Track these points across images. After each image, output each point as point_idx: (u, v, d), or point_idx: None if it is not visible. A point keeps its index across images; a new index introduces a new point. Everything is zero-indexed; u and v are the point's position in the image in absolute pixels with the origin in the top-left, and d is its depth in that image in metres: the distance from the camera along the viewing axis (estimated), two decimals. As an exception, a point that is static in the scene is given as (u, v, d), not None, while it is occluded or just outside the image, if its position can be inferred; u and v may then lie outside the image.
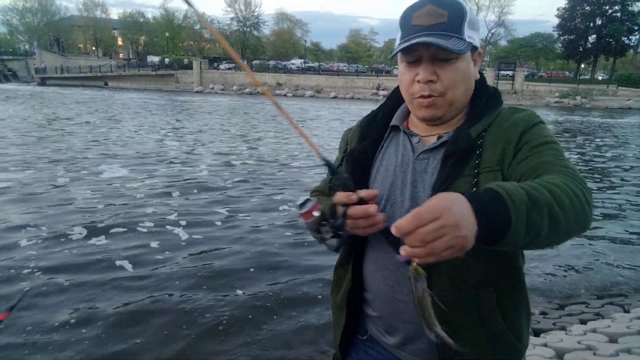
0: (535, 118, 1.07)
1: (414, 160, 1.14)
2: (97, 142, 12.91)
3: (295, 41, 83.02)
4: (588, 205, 0.89)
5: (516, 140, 1.02)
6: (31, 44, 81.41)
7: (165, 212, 6.47)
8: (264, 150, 12.46)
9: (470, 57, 1.10)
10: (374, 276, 1.19)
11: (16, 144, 12.10)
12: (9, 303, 3.34)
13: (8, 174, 8.54)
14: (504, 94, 26.80)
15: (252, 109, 28.20)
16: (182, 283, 4.29)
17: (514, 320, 1.09)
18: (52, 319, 3.61)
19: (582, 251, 5.56)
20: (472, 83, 1.13)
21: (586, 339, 3.13)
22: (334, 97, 45.50)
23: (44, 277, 4.31)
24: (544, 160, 0.97)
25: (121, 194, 7.40)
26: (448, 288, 1.05)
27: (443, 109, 1.11)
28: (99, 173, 8.90)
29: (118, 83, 56.07)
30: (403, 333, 1.16)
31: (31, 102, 29.31)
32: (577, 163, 12.14)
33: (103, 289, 4.13)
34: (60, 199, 6.95)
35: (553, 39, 63.40)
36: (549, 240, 0.86)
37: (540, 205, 0.81)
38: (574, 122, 25.06)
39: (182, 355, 3.23)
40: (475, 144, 1.06)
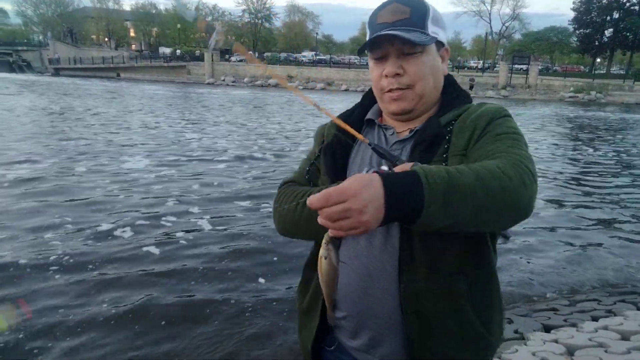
0: (503, 111, 1.11)
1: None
2: (116, 134, 12.99)
3: (307, 33, 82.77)
4: (525, 188, 0.88)
5: (482, 128, 1.06)
6: (45, 35, 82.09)
7: (188, 202, 6.54)
8: (282, 142, 12.47)
9: (437, 52, 1.15)
10: (345, 269, 1.16)
11: (36, 134, 12.19)
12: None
13: (31, 164, 8.61)
14: (517, 88, 26.76)
15: (265, 101, 28.22)
16: (209, 274, 4.34)
17: (485, 313, 1.10)
18: (81, 311, 3.64)
19: (595, 247, 5.50)
20: (440, 77, 1.18)
21: (597, 336, 3.10)
22: (345, 89, 45.32)
23: (69, 269, 4.35)
24: (497, 147, 1.00)
25: (143, 185, 7.47)
26: (422, 278, 1.05)
27: (413, 102, 1.15)
28: (121, 164, 8.98)
29: (130, 74, 56.40)
30: (372, 332, 1.13)
31: (47, 92, 29.53)
32: (596, 159, 12.00)
33: (131, 281, 4.16)
34: (82, 190, 7.00)
35: (568, 33, 62.40)
36: (477, 222, 0.87)
37: (462, 188, 0.82)
38: (591, 119, 24.69)
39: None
40: (444, 132, 1.10)
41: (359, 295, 1.14)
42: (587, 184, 9.07)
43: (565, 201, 7.65)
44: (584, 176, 9.79)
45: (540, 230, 6.03)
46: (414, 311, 1.06)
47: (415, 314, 1.06)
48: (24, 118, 15.51)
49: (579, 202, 7.66)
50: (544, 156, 11.94)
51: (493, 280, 1.13)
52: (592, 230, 6.15)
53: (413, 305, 1.06)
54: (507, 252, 5.11)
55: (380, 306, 1.11)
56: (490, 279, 1.12)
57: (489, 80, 45.09)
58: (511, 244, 5.37)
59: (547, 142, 14.95)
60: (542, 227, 6.14)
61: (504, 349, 2.98)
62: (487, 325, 1.09)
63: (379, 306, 1.11)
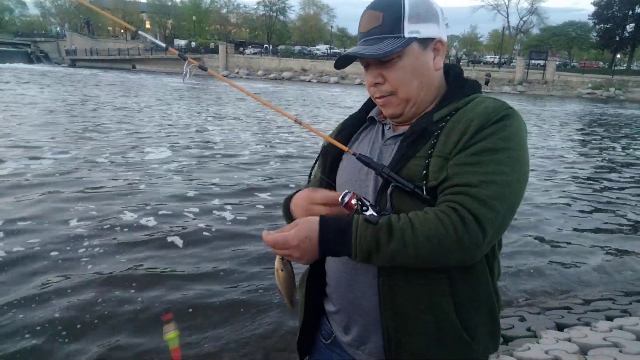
0: (501, 112, 1.02)
1: (382, 145, 1.17)
2: (138, 125, 13.11)
3: (321, 26, 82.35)
4: (460, 248, 0.93)
5: (471, 134, 1.00)
6: (62, 26, 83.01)
7: (209, 194, 6.62)
8: (304, 135, 12.49)
9: (422, 49, 1.09)
10: (333, 264, 1.21)
11: (57, 125, 12.28)
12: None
13: (54, 154, 8.72)
14: (533, 83, 26.26)
15: (277, 95, 28.21)
16: (233, 262, 4.42)
17: (469, 317, 1.05)
18: (110, 297, 3.72)
19: (610, 246, 5.43)
20: (428, 76, 1.12)
21: (612, 335, 3.06)
22: (358, 83, 45.10)
23: (97, 256, 4.44)
24: (468, 177, 0.97)
25: (166, 176, 7.56)
26: (401, 274, 1.04)
27: (400, 107, 1.13)
28: (144, 155, 9.09)
29: (145, 66, 56.79)
30: (360, 327, 1.15)
31: (67, 83, 29.80)
32: (612, 157, 11.79)
33: (156, 267, 4.24)
34: (106, 179, 7.10)
35: (588, 28, 61.19)
36: (408, 265, 0.99)
37: (386, 251, 0.95)
38: (613, 115, 24.24)
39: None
40: (432, 127, 1.06)
41: (345, 289, 1.17)
42: (605, 182, 8.94)
43: (583, 200, 7.55)
44: (603, 175, 9.64)
45: (555, 228, 5.96)
46: (390, 307, 1.06)
47: (392, 310, 1.06)
48: (44, 109, 15.65)
49: (598, 201, 7.55)
50: (564, 154, 11.78)
51: (482, 284, 1.07)
52: (613, 232, 6.05)
53: (390, 301, 1.06)
54: (521, 250, 5.07)
55: (365, 301, 1.12)
56: (479, 282, 1.07)
57: (506, 75, 44.49)
58: (524, 242, 5.33)
59: (563, 138, 14.73)
60: (557, 226, 6.07)
61: (516, 346, 2.96)
62: (470, 331, 1.05)
63: (363, 301, 1.12)
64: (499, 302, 1.13)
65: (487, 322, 1.09)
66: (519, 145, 1.01)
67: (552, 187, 8.20)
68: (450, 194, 0.97)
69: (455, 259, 0.95)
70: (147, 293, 3.81)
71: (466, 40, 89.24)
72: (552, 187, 8.20)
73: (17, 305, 3.54)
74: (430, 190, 1.01)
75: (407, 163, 1.05)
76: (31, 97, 19.20)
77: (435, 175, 1.00)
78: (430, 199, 1.00)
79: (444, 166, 1.00)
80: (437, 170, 1.00)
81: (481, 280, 1.07)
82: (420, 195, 1.01)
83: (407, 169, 1.04)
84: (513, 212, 1.00)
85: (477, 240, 0.93)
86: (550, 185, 8.34)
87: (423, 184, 1.01)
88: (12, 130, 11.00)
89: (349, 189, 1.09)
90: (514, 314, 3.63)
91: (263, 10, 77.02)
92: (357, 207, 1.04)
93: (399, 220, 0.96)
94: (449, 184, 0.98)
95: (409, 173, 1.03)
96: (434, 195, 1.01)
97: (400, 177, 1.03)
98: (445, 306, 1.03)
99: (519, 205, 1.01)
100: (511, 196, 0.97)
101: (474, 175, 0.96)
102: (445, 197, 0.98)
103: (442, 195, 0.99)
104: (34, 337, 3.17)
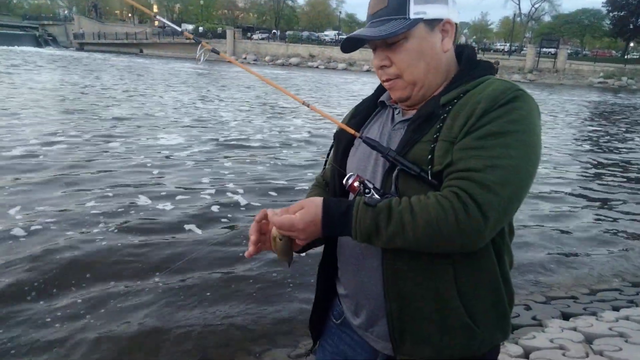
0: (509, 94, 0.99)
1: (391, 130, 1.16)
2: (149, 110, 13.10)
3: (330, 12, 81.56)
4: (460, 233, 0.93)
5: (478, 117, 0.98)
6: (70, 9, 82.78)
7: (223, 179, 6.66)
8: (318, 122, 12.44)
9: (429, 31, 1.07)
10: (343, 248, 1.22)
11: (69, 110, 12.20)
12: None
13: (66, 138, 8.74)
14: (544, 72, 25.99)
15: (290, 80, 28.10)
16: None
17: (473, 303, 1.04)
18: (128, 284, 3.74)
19: (617, 237, 5.40)
20: (436, 58, 1.10)
21: (618, 325, 3.05)
22: (367, 70, 44.80)
23: (115, 240, 4.45)
24: (473, 162, 0.95)
25: (179, 161, 7.60)
26: (405, 259, 1.04)
27: (407, 90, 1.12)
28: (157, 140, 9.12)
29: (153, 50, 56.68)
30: (368, 311, 1.16)
31: (77, 67, 29.78)
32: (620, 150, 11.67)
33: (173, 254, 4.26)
34: (120, 165, 7.10)
35: (601, 15, 60.10)
36: (408, 248, 0.99)
37: (385, 234, 0.96)
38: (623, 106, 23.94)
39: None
40: (439, 111, 1.05)
41: (353, 273, 1.18)
42: (614, 173, 8.86)
43: (591, 190, 7.50)
44: (612, 166, 9.56)
45: (562, 218, 5.93)
46: (394, 291, 1.06)
47: (396, 294, 1.06)
48: (56, 93, 15.64)
49: (606, 191, 7.50)
50: (570, 143, 11.67)
51: (488, 270, 1.05)
52: (621, 222, 6.01)
53: (393, 285, 1.06)
54: (527, 239, 5.05)
55: (372, 285, 1.12)
56: (484, 269, 1.05)
57: (516, 63, 43.98)
58: (530, 232, 5.31)
59: (572, 127, 14.58)
60: (564, 216, 6.04)
61: (521, 334, 2.97)
62: (474, 316, 1.04)
63: (370, 285, 1.13)
64: (508, 290, 1.10)
65: (493, 309, 1.07)
66: (529, 128, 0.98)
67: (558, 177, 8.14)
68: (454, 179, 0.96)
69: (456, 245, 0.95)
70: (166, 278, 3.84)
71: (476, 27, 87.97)
72: (558, 177, 8.14)
73: (37, 287, 3.59)
74: (436, 175, 1.00)
75: (413, 147, 1.04)
76: (42, 82, 19.17)
77: (441, 159, 0.99)
78: (436, 183, 1.00)
79: (450, 150, 0.99)
80: (443, 154, 0.99)
81: (486, 266, 1.05)
82: (425, 179, 1.00)
83: (412, 153, 1.04)
84: (520, 197, 0.97)
85: (479, 227, 0.92)
86: (557, 175, 8.28)
87: (429, 168, 1.00)
88: (25, 115, 11.02)
89: (357, 172, 1.10)
90: (520, 303, 3.64)
91: (271, -5, 76.32)
92: (360, 190, 1.05)
93: (399, 204, 0.97)
94: (454, 168, 0.97)
95: (415, 157, 1.03)
96: (440, 180, 1.00)
97: (406, 160, 1.03)
98: (449, 291, 1.02)
99: (527, 190, 0.99)
100: (517, 181, 0.95)
101: (478, 160, 0.95)
102: (449, 182, 0.97)
103: (446, 179, 0.98)
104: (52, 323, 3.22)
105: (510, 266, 1.13)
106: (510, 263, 1.13)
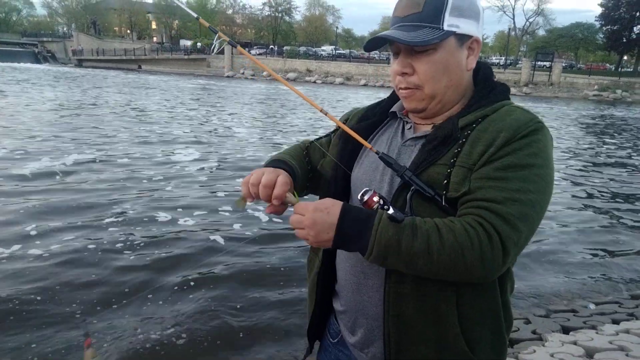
0: (530, 125, 0.98)
1: (401, 146, 1.13)
2: (162, 126, 13.09)
3: (327, 27, 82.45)
4: (482, 264, 0.90)
5: (498, 147, 0.96)
6: (69, 26, 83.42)
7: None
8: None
9: (458, 46, 1.04)
10: (343, 263, 1.19)
11: (78, 127, 12.10)
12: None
13: (79, 155, 8.69)
14: (539, 85, 26.30)
15: (286, 97, 28.25)
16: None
17: (472, 330, 1.03)
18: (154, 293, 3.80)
19: (617, 249, 5.39)
20: (459, 74, 1.07)
21: (618, 339, 3.03)
22: (364, 84, 45.10)
23: (137, 252, 4.49)
24: (494, 193, 0.93)
25: (194, 176, 7.61)
26: (409, 281, 1.02)
27: (424, 102, 1.08)
28: (171, 156, 9.11)
29: (151, 66, 57.02)
30: (365, 330, 1.14)
31: (82, 83, 29.76)
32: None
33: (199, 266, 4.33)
34: (136, 180, 7.11)
35: (594, 29, 60.78)
36: (421, 273, 0.95)
37: (407, 252, 0.91)
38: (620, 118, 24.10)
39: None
40: (458, 134, 1.02)
41: (353, 291, 1.15)
42: (613, 186, 8.88)
43: (589, 204, 7.50)
44: (610, 178, 9.59)
45: (561, 232, 5.93)
46: (394, 314, 1.04)
47: (396, 316, 1.04)
48: (62, 111, 15.41)
49: (605, 205, 7.51)
50: (568, 158, 11.71)
51: (491, 297, 1.04)
52: (620, 235, 6.00)
53: (395, 307, 1.04)
54: (527, 253, 5.04)
55: (371, 305, 1.11)
56: (487, 297, 1.04)
57: (511, 77, 44.31)
58: (532, 246, 5.30)
59: (568, 140, 14.65)
60: (565, 230, 6.03)
61: (521, 349, 2.94)
62: (471, 343, 1.02)
63: (369, 305, 1.11)
64: (508, 318, 1.09)
65: (492, 336, 1.06)
66: (546, 162, 0.97)
67: (556, 189, 8.15)
68: (474, 207, 0.94)
69: (474, 275, 0.92)
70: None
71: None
72: (556, 189, 8.15)
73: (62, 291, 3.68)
74: (449, 201, 0.98)
75: (428, 169, 1.01)
76: (42, 99, 19.06)
77: (457, 186, 0.97)
78: (449, 208, 0.98)
79: (467, 178, 0.97)
80: (459, 181, 0.97)
81: (490, 294, 1.04)
82: (439, 203, 0.98)
83: (427, 174, 1.00)
84: (533, 232, 0.97)
85: (499, 259, 0.91)
86: (555, 187, 8.29)
87: (443, 193, 0.98)
88: (30, 130, 10.99)
89: (362, 185, 1.06)
90: (520, 317, 3.61)
91: (269, 11, 77.24)
92: (378, 207, 0.99)
93: (425, 223, 0.93)
94: (472, 197, 0.95)
95: (429, 179, 1.00)
96: (453, 206, 0.98)
97: (421, 181, 1.00)
98: (450, 317, 1.01)
99: (539, 225, 0.98)
100: (534, 216, 0.95)
101: (498, 192, 0.93)
102: (469, 209, 0.95)
103: (463, 207, 0.96)
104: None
105: (511, 291, 1.12)
106: (511, 289, 1.12)
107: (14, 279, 3.89)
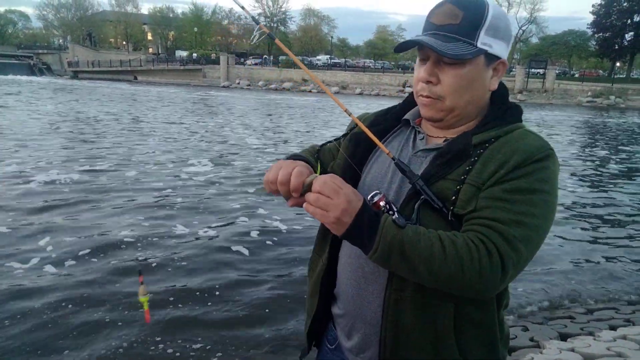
0: (542, 152, 1.00)
1: (411, 156, 1.13)
2: (172, 138, 13.04)
3: (322, 37, 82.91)
4: (480, 279, 0.91)
5: (509, 170, 0.98)
6: (65, 38, 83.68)
7: (253, 204, 6.73)
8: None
9: (486, 65, 1.05)
10: (344, 267, 1.20)
11: (82, 141, 11.93)
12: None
13: (90, 166, 8.69)
14: (533, 92, 26.61)
15: (292, 105, 28.32)
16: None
17: (467, 342, 1.04)
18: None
19: (615, 255, 5.40)
20: (481, 93, 1.09)
21: (616, 345, 3.03)
22: (359, 93, 45.31)
23: (156, 271, 4.45)
24: (500, 213, 0.95)
25: (209, 187, 7.64)
26: (409, 289, 1.03)
27: (442, 113, 1.09)
28: (185, 167, 9.10)
29: (147, 77, 57.09)
30: (362, 334, 1.15)
31: (80, 96, 29.55)
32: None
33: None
34: (151, 191, 7.14)
35: (587, 37, 61.50)
36: (420, 279, 0.96)
37: (409, 256, 0.93)
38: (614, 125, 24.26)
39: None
40: (471, 152, 1.03)
41: (352, 295, 1.16)
42: (608, 192, 8.92)
43: (585, 212, 7.53)
44: (605, 185, 9.64)
45: (559, 239, 5.94)
46: (392, 320, 1.06)
47: (393, 323, 1.05)
48: (63, 124, 15.20)
49: (602, 211, 7.54)
50: (564, 163, 11.76)
51: (488, 310, 1.06)
52: (615, 241, 6.02)
53: (393, 314, 1.05)
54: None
55: (370, 311, 1.12)
56: (484, 310, 1.06)
57: (505, 84, 44.46)
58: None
59: (568, 146, 14.75)
60: (561, 237, 6.04)
61: (519, 356, 2.94)
62: (465, 354, 1.04)
63: (368, 309, 1.12)
64: (502, 332, 1.11)
65: (486, 349, 1.07)
66: (552, 189, 0.99)
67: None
68: (478, 225, 0.95)
69: (472, 290, 0.94)
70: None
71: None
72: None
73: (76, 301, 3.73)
74: (455, 216, 0.99)
75: (437, 182, 1.02)
76: (43, 111, 19.01)
77: (464, 204, 0.98)
78: (454, 222, 0.99)
79: (475, 196, 0.98)
80: (467, 199, 0.98)
81: (486, 307, 1.06)
82: (445, 215, 0.99)
83: (436, 187, 1.01)
84: (533, 255, 0.99)
85: (497, 277, 0.92)
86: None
87: (450, 207, 0.99)
88: (34, 144, 10.94)
89: (371, 190, 1.07)
90: (517, 324, 3.61)
91: (264, 22, 77.59)
92: (384, 210, 1.01)
93: (429, 232, 0.95)
94: (478, 214, 0.97)
95: (437, 193, 1.01)
96: (459, 221, 0.99)
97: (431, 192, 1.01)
98: (446, 328, 1.03)
99: (538, 249, 1.00)
100: (536, 240, 0.97)
101: (504, 212, 0.95)
102: (473, 226, 0.96)
103: (468, 223, 0.98)
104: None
105: (505, 307, 1.14)
106: (506, 305, 1.14)
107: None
